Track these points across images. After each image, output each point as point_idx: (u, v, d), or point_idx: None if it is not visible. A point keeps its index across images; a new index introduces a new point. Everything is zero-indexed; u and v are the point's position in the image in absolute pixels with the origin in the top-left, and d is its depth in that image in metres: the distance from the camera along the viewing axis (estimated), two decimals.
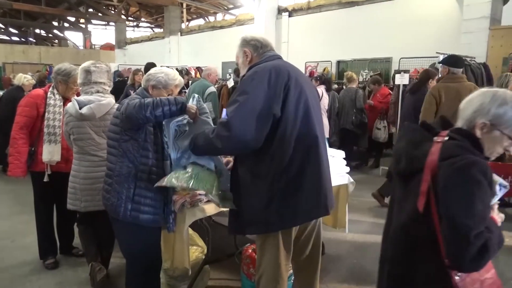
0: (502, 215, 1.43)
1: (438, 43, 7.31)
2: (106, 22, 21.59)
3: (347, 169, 3.24)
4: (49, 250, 3.27)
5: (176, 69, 10.74)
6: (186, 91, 6.03)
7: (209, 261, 2.84)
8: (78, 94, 2.94)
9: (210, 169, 2.07)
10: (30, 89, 5.85)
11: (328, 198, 1.93)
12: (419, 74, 5.26)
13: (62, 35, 22.36)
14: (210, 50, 13.46)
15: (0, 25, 20.97)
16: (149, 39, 18.20)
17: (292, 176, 1.83)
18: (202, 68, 7.19)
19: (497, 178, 1.34)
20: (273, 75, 1.81)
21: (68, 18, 20.77)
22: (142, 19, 22.46)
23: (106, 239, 2.94)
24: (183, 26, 16.87)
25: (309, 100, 1.91)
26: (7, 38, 21.86)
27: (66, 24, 21.72)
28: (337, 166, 3.10)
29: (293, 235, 1.99)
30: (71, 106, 2.68)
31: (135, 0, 17.87)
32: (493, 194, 1.32)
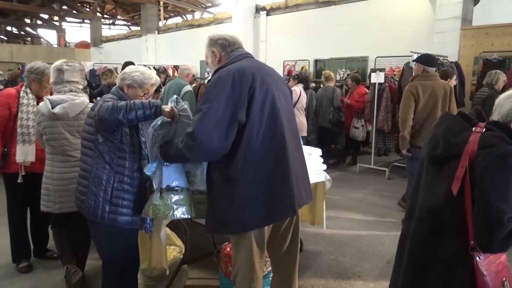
0: None
1: (413, 42, 7.47)
2: (81, 20, 21.11)
3: (324, 166, 3.28)
4: (22, 253, 3.19)
5: (154, 67, 10.66)
6: (162, 90, 5.96)
7: (187, 260, 2.83)
8: (52, 93, 2.88)
9: (183, 188, 2.14)
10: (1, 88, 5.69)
11: (297, 198, 1.93)
12: (438, 73, 5.02)
13: (35, 32, 21.76)
14: (188, 48, 13.34)
15: None
16: (126, 37, 17.88)
17: (261, 178, 1.85)
18: (180, 66, 7.15)
19: None
20: (237, 79, 1.81)
21: (41, 15, 20.22)
22: (118, 17, 22.08)
23: (82, 240, 2.88)
24: (160, 24, 16.67)
25: (276, 99, 1.91)
26: None
27: (39, 22, 21.14)
28: (314, 164, 3.14)
29: (267, 233, 2.01)
30: (43, 105, 2.62)
31: None
32: None
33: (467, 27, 7.00)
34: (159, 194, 2.11)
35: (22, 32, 22.58)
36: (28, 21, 20.83)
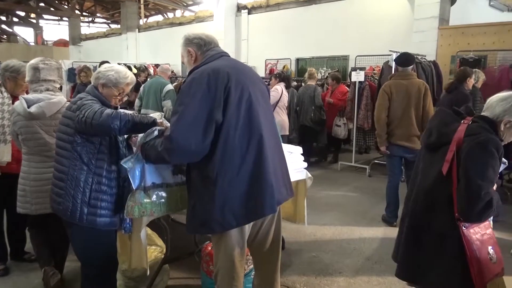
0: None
1: (392, 41, 7.59)
2: (59, 17, 20.67)
3: (305, 164, 3.30)
4: None
5: (135, 66, 10.53)
6: (141, 88, 5.90)
7: (169, 260, 2.82)
8: (27, 92, 2.81)
9: (168, 183, 2.21)
10: None
11: (276, 195, 1.94)
12: (456, 73, 4.96)
13: (11, 30, 21.18)
14: (169, 47, 13.20)
15: None
16: (106, 35, 17.59)
17: (239, 177, 1.85)
18: (160, 65, 7.09)
19: None
20: (212, 80, 1.81)
21: (18, 12, 19.68)
22: (98, 15, 21.70)
23: (60, 242, 2.84)
24: (141, 22, 16.46)
25: (252, 98, 1.91)
26: None
27: (15, 19, 20.57)
28: (295, 162, 3.15)
29: (247, 231, 2.02)
30: (19, 104, 2.56)
31: None
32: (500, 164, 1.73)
33: (444, 26, 7.15)
34: (142, 192, 2.10)
35: None
36: (4, 18, 20.26)
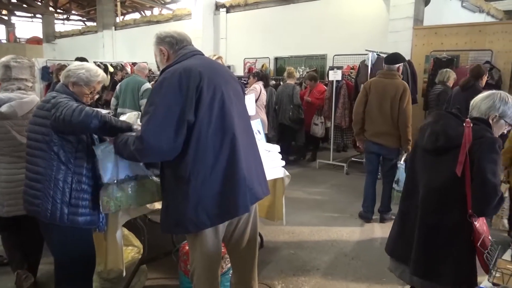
0: None
1: (368, 41, 7.70)
2: (32, 14, 20.11)
3: (283, 163, 3.33)
4: None
5: (111, 64, 10.36)
6: (117, 87, 5.81)
7: (146, 260, 2.80)
8: None
9: (143, 175, 2.18)
10: None
11: (250, 194, 1.94)
12: (471, 71, 4.85)
13: None
14: (147, 45, 12.92)
15: None
16: (81, 33, 17.20)
17: (212, 177, 1.85)
18: (137, 64, 7.00)
19: None
20: (184, 79, 1.79)
21: None
22: (73, 12, 21.23)
23: (33, 245, 2.77)
24: (117, 20, 16.19)
25: (225, 97, 1.90)
26: None
27: None
28: (272, 161, 3.17)
29: (222, 231, 2.02)
30: None
31: None
32: None
33: (418, 27, 7.30)
34: (115, 186, 2.08)
35: None
36: None
